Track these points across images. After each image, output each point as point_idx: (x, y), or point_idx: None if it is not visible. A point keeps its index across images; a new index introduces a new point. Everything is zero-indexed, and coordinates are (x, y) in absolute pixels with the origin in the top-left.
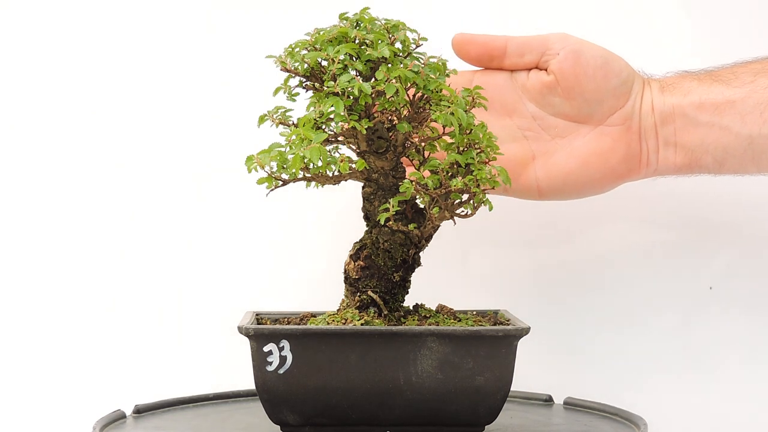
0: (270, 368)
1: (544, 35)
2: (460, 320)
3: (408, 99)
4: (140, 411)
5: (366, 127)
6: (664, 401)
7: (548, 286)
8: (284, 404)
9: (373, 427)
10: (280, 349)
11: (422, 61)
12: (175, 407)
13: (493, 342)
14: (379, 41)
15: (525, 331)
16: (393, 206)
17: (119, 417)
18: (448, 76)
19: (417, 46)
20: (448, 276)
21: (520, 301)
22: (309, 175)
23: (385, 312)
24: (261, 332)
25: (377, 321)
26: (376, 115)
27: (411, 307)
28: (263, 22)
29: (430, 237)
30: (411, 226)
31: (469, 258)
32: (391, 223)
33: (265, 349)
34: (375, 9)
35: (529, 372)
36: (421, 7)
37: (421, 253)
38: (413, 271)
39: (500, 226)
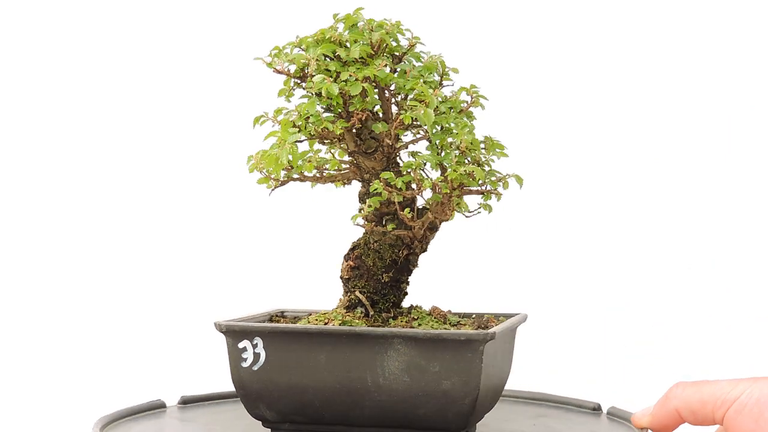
0: (245, 364)
1: (707, 398)
2: (446, 322)
3: (385, 98)
4: (186, 402)
5: (342, 127)
6: None
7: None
8: (260, 400)
9: (350, 428)
10: (254, 346)
11: (422, 61)
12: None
13: (457, 346)
14: (355, 41)
15: (490, 336)
16: (367, 207)
17: (159, 406)
18: (447, 75)
19: (411, 46)
20: (481, 276)
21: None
22: (297, 176)
23: (372, 312)
24: (232, 329)
25: (357, 321)
26: (353, 115)
27: (406, 309)
28: (264, 22)
29: (426, 239)
30: (389, 227)
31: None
32: (364, 223)
33: (240, 345)
34: (378, 10)
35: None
36: (426, 8)
37: (418, 254)
38: (408, 273)
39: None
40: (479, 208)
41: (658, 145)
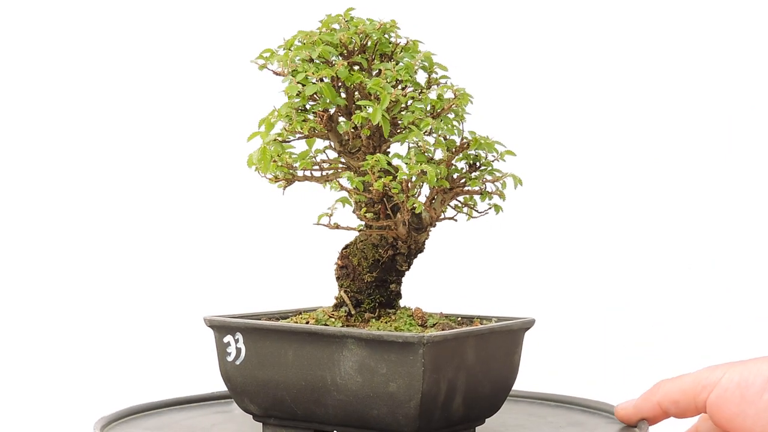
0: (229, 359)
1: (688, 386)
2: (424, 324)
3: (352, 98)
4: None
5: (310, 127)
6: None
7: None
8: (244, 394)
9: (322, 425)
10: (236, 341)
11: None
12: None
13: (397, 348)
14: (323, 42)
15: (427, 339)
16: (333, 207)
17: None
18: (433, 71)
19: (396, 45)
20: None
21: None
22: (292, 175)
23: (354, 312)
24: (215, 324)
25: (334, 321)
26: (313, 114)
27: (394, 310)
28: (266, 21)
29: (414, 240)
30: (358, 226)
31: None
32: (328, 223)
33: (225, 340)
34: (380, 10)
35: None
36: (430, 8)
37: (406, 255)
38: (397, 274)
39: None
40: (489, 208)
41: (658, 145)
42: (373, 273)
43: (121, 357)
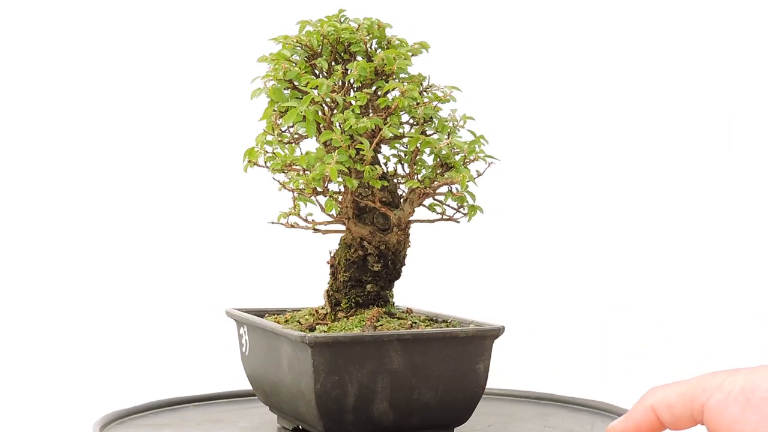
0: (243, 350)
1: (686, 389)
2: (371, 326)
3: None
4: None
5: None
6: None
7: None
8: (253, 383)
9: (292, 419)
10: (245, 334)
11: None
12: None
13: (299, 347)
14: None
15: (312, 340)
16: (296, 205)
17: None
18: (391, 69)
19: (366, 48)
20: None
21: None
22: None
23: (329, 311)
24: (230, 315)
25: (305, 318)
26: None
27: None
28: (264, 18)
29: (381, 240)
30: (313, 223)
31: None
32: (287, 222)
33: (240, 332)
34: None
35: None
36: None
37: (376, 255)
38: (373, 275)
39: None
40: (461, 210)
41: (658, 145)
42: (347, 273)
43: (121, 356)
